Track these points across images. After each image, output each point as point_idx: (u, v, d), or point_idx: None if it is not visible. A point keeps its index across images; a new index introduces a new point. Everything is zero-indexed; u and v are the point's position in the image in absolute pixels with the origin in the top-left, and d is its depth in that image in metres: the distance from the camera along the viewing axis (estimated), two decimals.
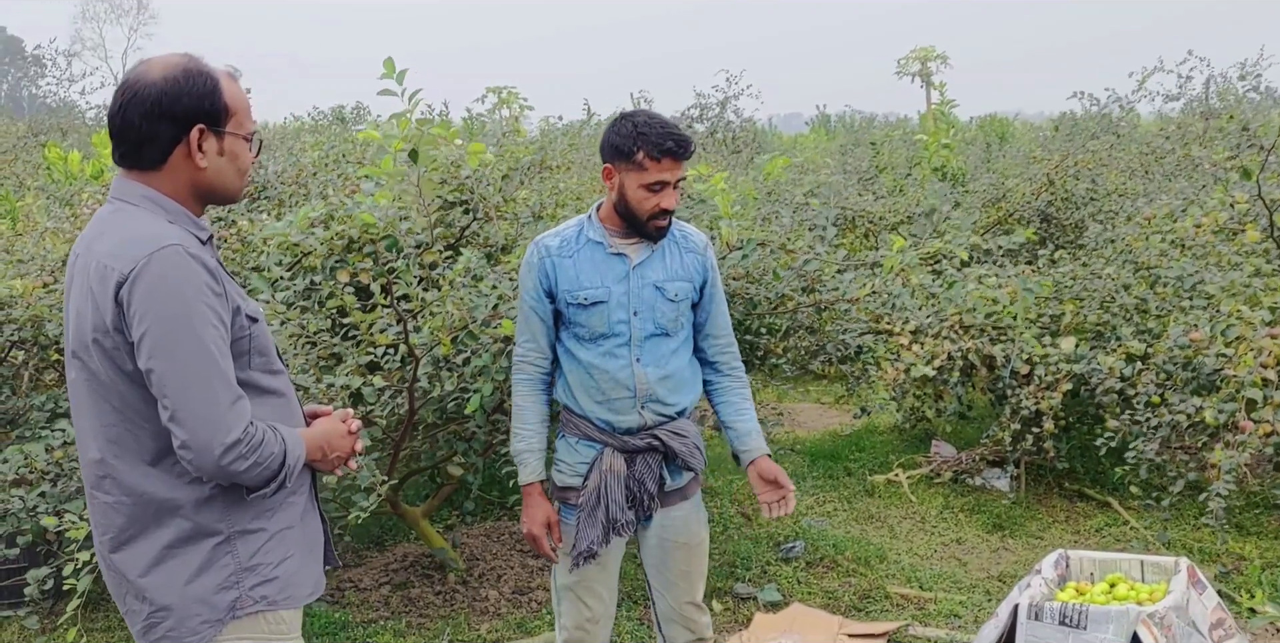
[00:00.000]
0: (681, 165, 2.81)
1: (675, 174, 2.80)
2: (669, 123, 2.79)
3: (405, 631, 4.11)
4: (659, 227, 2.84)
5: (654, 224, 2.83)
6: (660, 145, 2.76)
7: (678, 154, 2.77)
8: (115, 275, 1.89)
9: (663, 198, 2.80)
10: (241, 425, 1.92)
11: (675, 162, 2.78)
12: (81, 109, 17.93)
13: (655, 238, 2.87)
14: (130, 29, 72.62)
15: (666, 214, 2.83)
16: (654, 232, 2.85)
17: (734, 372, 3.05)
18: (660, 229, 2.85)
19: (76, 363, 1.98)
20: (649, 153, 2.76)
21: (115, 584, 2.07)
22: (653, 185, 2.79)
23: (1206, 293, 4.78)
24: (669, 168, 2.78)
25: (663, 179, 2.78)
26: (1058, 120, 11.13)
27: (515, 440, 2.97)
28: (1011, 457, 5.35)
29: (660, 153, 2.76)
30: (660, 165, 2.77)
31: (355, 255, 3.48)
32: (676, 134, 2.76)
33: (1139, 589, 3.57)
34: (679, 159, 2.79)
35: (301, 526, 2.14)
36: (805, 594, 4.40)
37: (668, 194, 2.81)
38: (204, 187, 2.06)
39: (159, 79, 1.98)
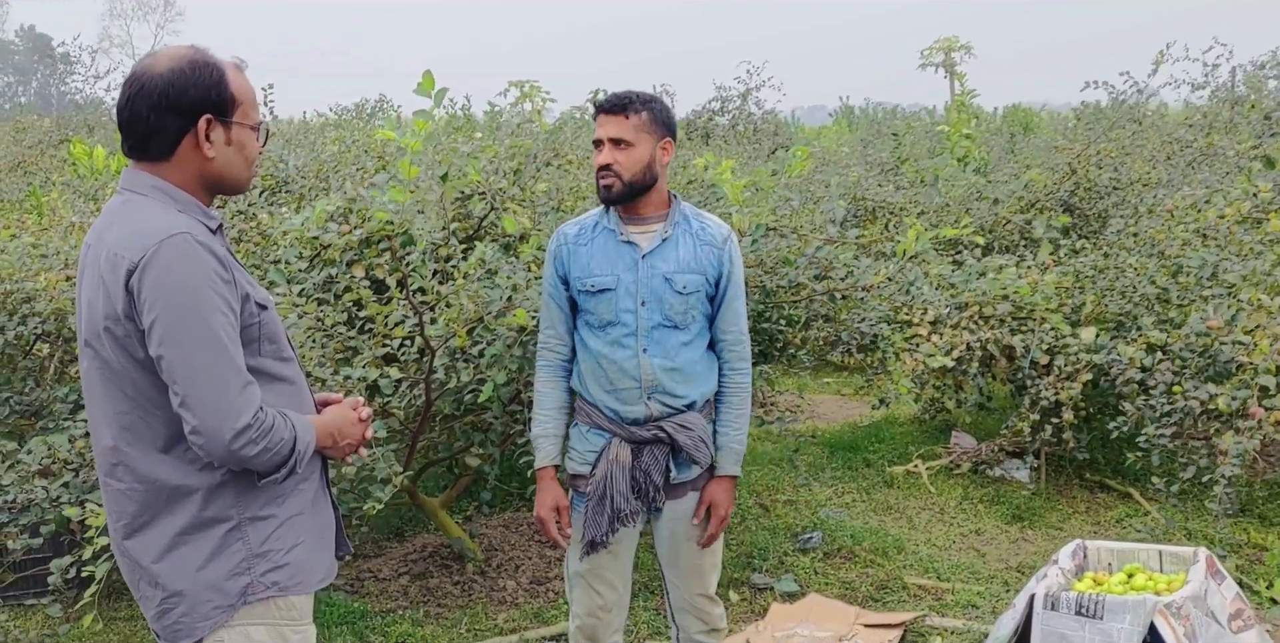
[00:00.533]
0: (612, 120, 2.84)
1: (605, 130, 2.84)
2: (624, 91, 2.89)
3: (423, 620, 4.14)
4: (603, 185, 2.86)
5: (600, 184, 2.87)
6: (595, 105, 2.90)
7: (602, 107, 2.86)
8: (125, 264, 1.91)
9: (600, 155, 2.85)
10: (251, 411, 1.94)
11: (607, 116, 2.84)
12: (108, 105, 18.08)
13: (605, 200, 2.89)
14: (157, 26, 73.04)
15: (603, 171, 2.84)
16: (601, 192, 2.87)
17: (733, 374, 2.99)
18: (605, 189, 2.85)
19: (89, 351, 2.01)
20: (593, 116, 2.92)
21: (129, 570, 2.10)
22: (595, 144, 2.88)
23: (1228, 281, 4.74)
24: (602, 124, 2.85)
25: (597, 137, 2.86)
26: (1079, 110, 11.04)
27: (534, 426, 3.01)
28: (1031, 447, 5.32)
29: (595, 111, 2.90)
30: (597, 122, 2.88)
31: (371, 250, 3.51)
32: (615, 93, 2.88)
33: (1157, 580, 3.55)
34: (606, 112, 2.85)
35: (312, 512, 2.16)
36: (822, 585, 4.40)
37: (604, 151, 2.84)
38: (212, 176, 2.08)
39: (165, 71, 2.00)
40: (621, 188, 2.82)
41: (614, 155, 2.81)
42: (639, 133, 2.83)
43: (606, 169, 2.82)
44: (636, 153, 2.82)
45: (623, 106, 2.83)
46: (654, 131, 2.85)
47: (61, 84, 67.65)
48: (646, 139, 2.84)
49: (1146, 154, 8.27)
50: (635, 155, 2.82)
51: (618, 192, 2.83)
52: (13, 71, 69.62)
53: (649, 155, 2.84)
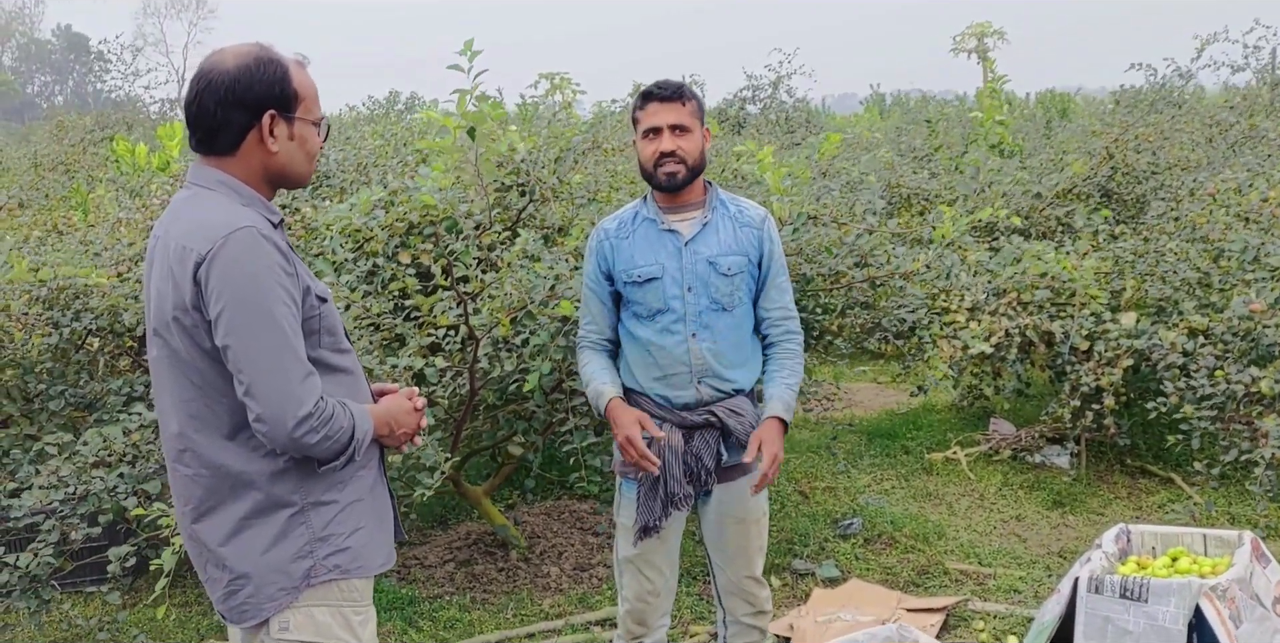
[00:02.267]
0: (668, 108, 2.86)
1: (663, 118, 2.85)
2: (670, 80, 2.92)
3: (470, 606, 4.21)
4: (667, 173, 2.87)
5: (661, 172, 2.88)
6: (644, 92, 2.90)
7: (655, 95, 2.87)
8: (194, 256, 1.97)
9: (659, 143, 2.86)
10: (313, 400, 1.99)
11: (660, 103, 2.86)
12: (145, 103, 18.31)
13: (667, 188, 2.90)
14: (190, 24, 73.82)
15: (667, 157, 2.85)
16: (664, 180, 2.88)
17: (785, 342, 3.00)
18: (670, 176, 2.87)
19: (158, 341, 2.07)
20: (638, 105, 2.91)
21: (196, 553, 2.17)
22: (647, 133, 2.88)
23: (1270, 265, 4.71)
24: (654, 112, 2.86)
25: (653, 125, 2.86)
26: (1118, 93, 10.94)
27: (587, 383, 2.99)
28: (1072, 433, 5.31)
29: (644, 100, 2.90)
30: (646, 111, 2.89)
31: (416, 237, 3.56)
32: (662, 82, 2.89)
33: (1201, 563, 3.55)
34: (661, 100, 2.86)
35: (371, 498, 2.22)
36: (863, 570, 4.43)
37: (664, 138, 2.85)
38: (275, 171, 2.14)
39: (232, 67, 2.06)
40: (686, 174, 2.87)
41: (677, 142, 2.85)
42: (693, 119, 2.88)
43: (671, 155, 2.85)
44: (694, 138, 2.88)
45: (679, 94, 2.87)
46: (700, 119, 2.91)
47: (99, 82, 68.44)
48: (698, 126, 2.90)
49: (1185, 138, 8.20)
50: (694, 141, 2.87)
51: (683, 177, 2.87)
52: (50, 70, 70.52)
53: (701, 141, 2.89)
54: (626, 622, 3.07)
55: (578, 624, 4.00)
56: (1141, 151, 7.80)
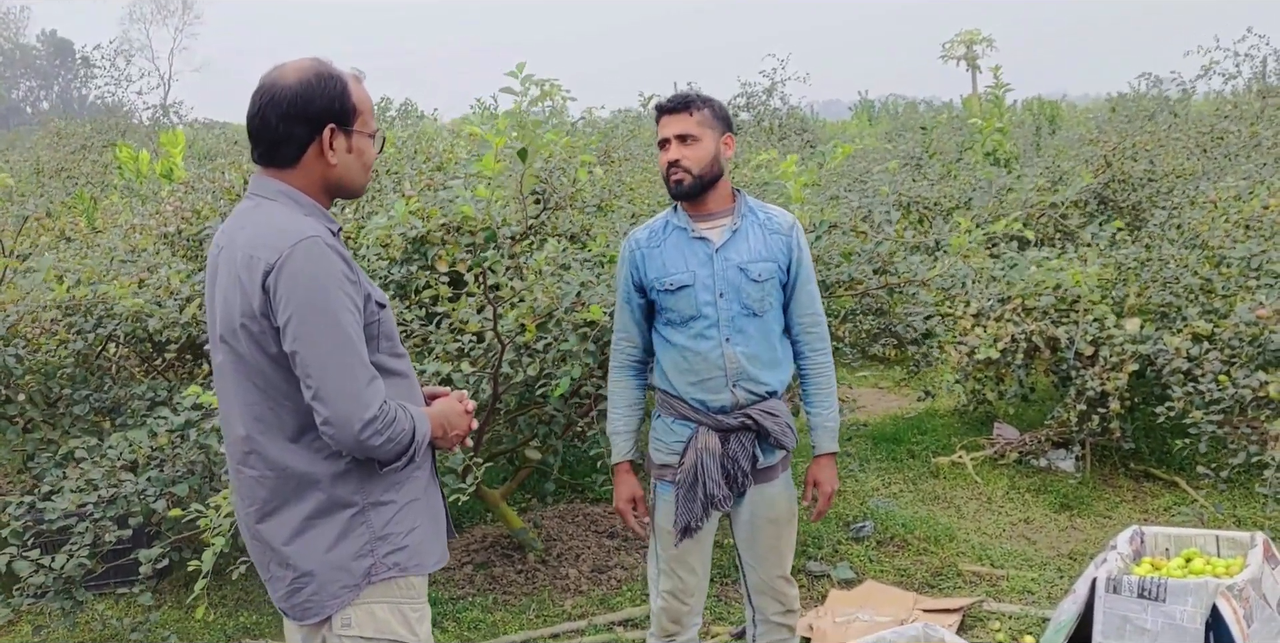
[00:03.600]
0: (674, 119, 2.96)
1: (671, 129, 2.95)
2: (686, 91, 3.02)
3: (492, 607, 4.27)
4: (675, 182, 2.96)
5: (670, 180, 2.98)
6: (656, 106, 3.02)
7: (665, 107, 2.98)
8: (262, 265, 2.03)
9: (668, 153, 2.96)
10: (378, 403, 2.05)
11: (669, 116, 2.97)
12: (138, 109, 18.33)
13: (676, 195, 3.00)
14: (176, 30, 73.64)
15: (674, 167, 2.95)
16: (672, 187, 2.98)
17: (814, 355, 3.12)
18: (677, 183, 2.96)
19: (224, 347, 2.13)
20: (656, 118, 3.04)
21: (259, 553, 2.22)
22: (661, 144, 2.99)
23: (1274, 271, 4.81)
24: (664, 124, 2.97)
25: (664, 135, 2.98)
26: (1114, 101, 11.08)
27: (608, 424, 3.16)
28: (1077, 437, 5.40)
29: (658, 112, 3.02)
30: (659, 124, 3.00)
31: (454, 246, 3.63)
32: (675, 94, 3.00)
33: (1215, 564, 3.63)
34: (669, 112, 2.97)
35: (426, 498, 2.28)
36: (878, 572, 4.50)
37: (672, 149, 2.95)
38: (334, 182, 2.21)
39: (294, 83, 2.12)
40: (692, 182, 2.94)
41: (681, 151, 2.93)
42: (703, 128, 2.95)
43: (675, 165, 2.94)
44: (702, 147, 2.94)
45: (685, 105, 2.96)
46: (715, 127, 2.98)
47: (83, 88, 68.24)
48: (710, 134, 2.96)
49: (1181, 146, 8.33)
50: (701, 150, 2.94)
51: (689, 185, 2.94)
52: (35, 76, 70.28)
53: (713, 150, 2.96)
54: (661, 619, 3.13)
55: (600, 625, 4.06)
56: (1139, 160, 7.92)
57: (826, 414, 3.14)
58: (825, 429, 3.14)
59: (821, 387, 3.14)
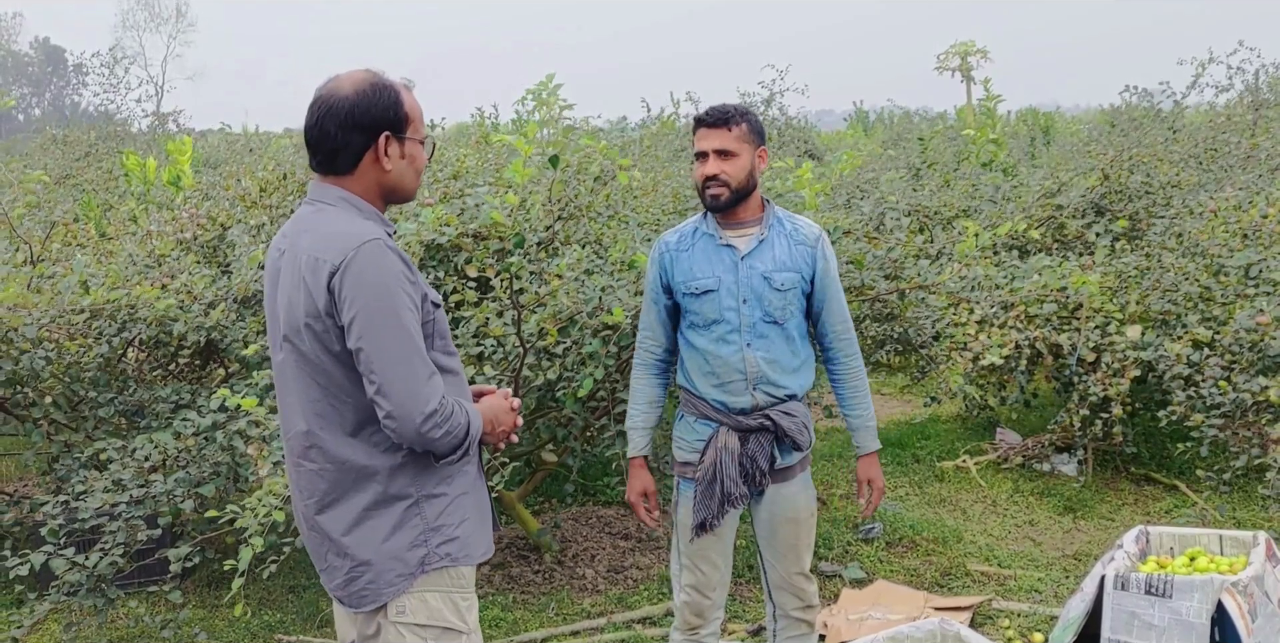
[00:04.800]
0: (714, 133, 3.03)
1: (710, 143, 3.03)
2: (720, 104, 3.08)
3: (512, 606, 4.36)
4: (712, 195, 3.04)
5: (707, 194, 3.06)
6: (696, 119, 3.09)
7: (708, 121, 3.05)
8: (327, 267, 2.13)
9: (706, 167, 3.04)
10: (437, 398, 2.15)
11: (708, 129, 3.04)
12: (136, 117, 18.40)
13: (712, 209, 3.08)
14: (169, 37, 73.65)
15: (711, 181, 3.03)
16: (709, 201, 3.06)
17: (848, 361, 3.23)
18: (714, 198, 3.04)
19: (287, 346, 2.23)
20: (693, 129, 3.11)
21: (317, 544, 2.31)
22: (698, 156, 3.07)
23: (1273, 280, 4.93)
24: (703, 137, 3.04)
25: (702, 148, 3.05)
26: (1110, 114, 11.23)
27: (627, 419, 3.27)
28: (1080, 442, 5.52)
29: (695, 124, 3.09)
30: (697, 136, 3.07)
31: (482, 252, 3.72)
32: (715, 107, 3.06)
33: (1219, 562, 3.74)
34: (708, 126, 3.04)
35: (474, 492, 2.37)
36: (888, 572, 4.60)
37: (709, 163, 3.03)
38: (388, 187, 2.31)
39: (351, 93, 2.22)
40: (729, 196, 3.03)
41: (720, 166, 3.02)
42: (740, 143, 3.03)
43: (714, 179, 3.02)
44: (740, 162, 3.03)
45: (725, 119, 3.03)
46: (752, 141, 3.06)
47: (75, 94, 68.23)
48: (747, 149, 3.05)
49: (1177, 157, 8.46)
50: (739, 164, 3.03)
51: (726, 200, 3.04)
52: (27, 83, 70.28)
53: (750, 164, 3.05)
54: (684, 613, 3.22)
55: (619, 623, 4.15)
56: (1135, 171, 8.06)
57: (865, 415, 3.26)
58: (866, 429, 3.26)
59: (857, 389, 3.25)
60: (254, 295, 4.78)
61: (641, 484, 3.23)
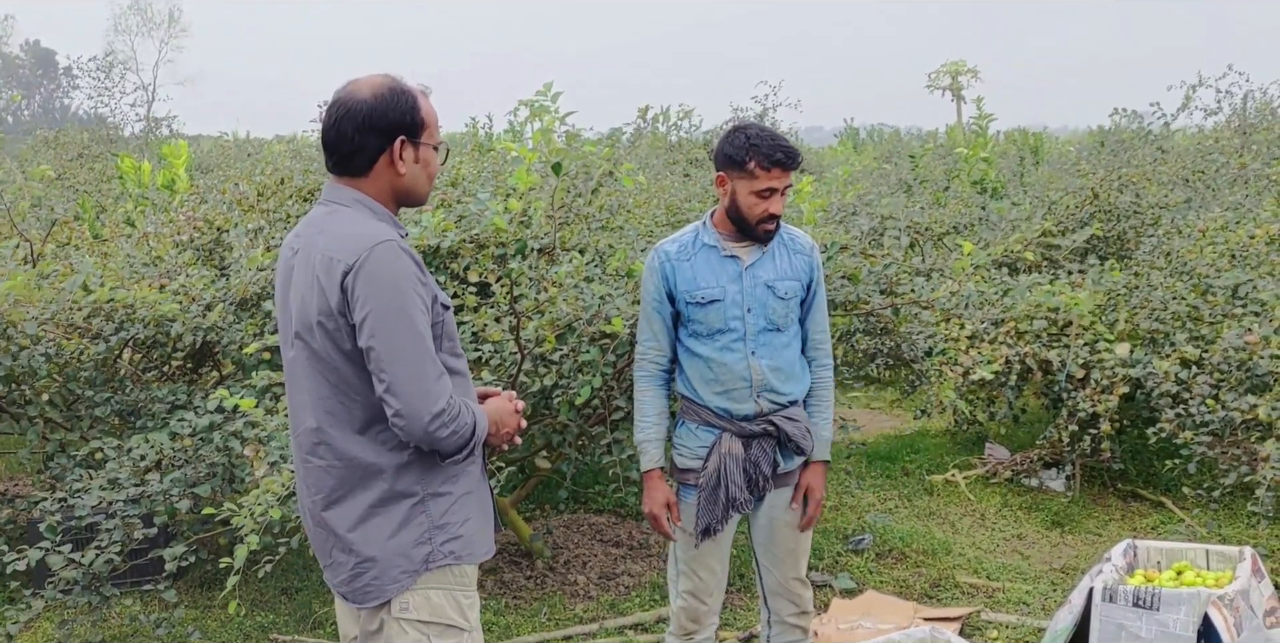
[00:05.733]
0: (789, 174, 3.09)
1: (783, 182, 3.07)
2: (778, 136, 3.08)
3: (504, 610, 4.37)
4: (767, 230, 3.11)
5: (762, 228, 3.10)
6: (770, 156, 3.04)
7: (786, 164, 3.06)
8: (341, 266, 2.16)
9: (771, 204, 3.07)
10: (445, 397, 2.18)
11: (784, 171, 3.06)
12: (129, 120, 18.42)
13: (763, 240, 3.14)
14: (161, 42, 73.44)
15: (774, 219, 3.09)
16: (762, 235, 3.11)
17: (819, 370, 3.28)
18: (768, 232, 3.11)
19: (299, 343, 2.26)
20: (760, 163, 3.04)
21: (321, 540, 2.34)
22: (763, 192, 3.06)
23: (1260, 300, 5.00)
24: (778, 177, 3.05)
25: (772, 186, 3.06)
26: (1099, 135, 11.36)
27: (637, 431, 3.26)
28: (1068, 458, 5.57)
29: (771, 163, 3.04)
30: (770, 174, 3.05)
31: (484, 257, 3.76)
32: (785, 146, 3.05)
33: (1205, 576, 3.79)
34: (787, 169, 3.07)
35: (478, 491, 2.40)
36: (878, 583, 4.63)
37: (776, 200, 3.08)
38: (402, 190, 2.34)
39: (369, 97, 2.26)
40: (776, 230, 3.15)
41: (781, 205, 3.10)
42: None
43: (775, 218, 3.09)
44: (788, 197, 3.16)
45: (798, 163, 3.08)
46: None
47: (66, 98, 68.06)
48: None
49: (1165, 178, 8.57)
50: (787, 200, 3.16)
51: (773, 233, 3.14)
52: (17, 85, 70.05)
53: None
54: (680, 618, 3.25)
55: (611, 628, 4.17)
56: (1124, 191, 8.15)
57: (824, 424, 3.28)
58: (821, 439, 3.27)
59: (822, 399, 3.29)
60: (251, 298, 4.81)
61: (663, 496, 3.19)
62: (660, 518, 3.19)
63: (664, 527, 3.19)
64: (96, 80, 54.64)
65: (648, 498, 3.20)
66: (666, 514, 3.19)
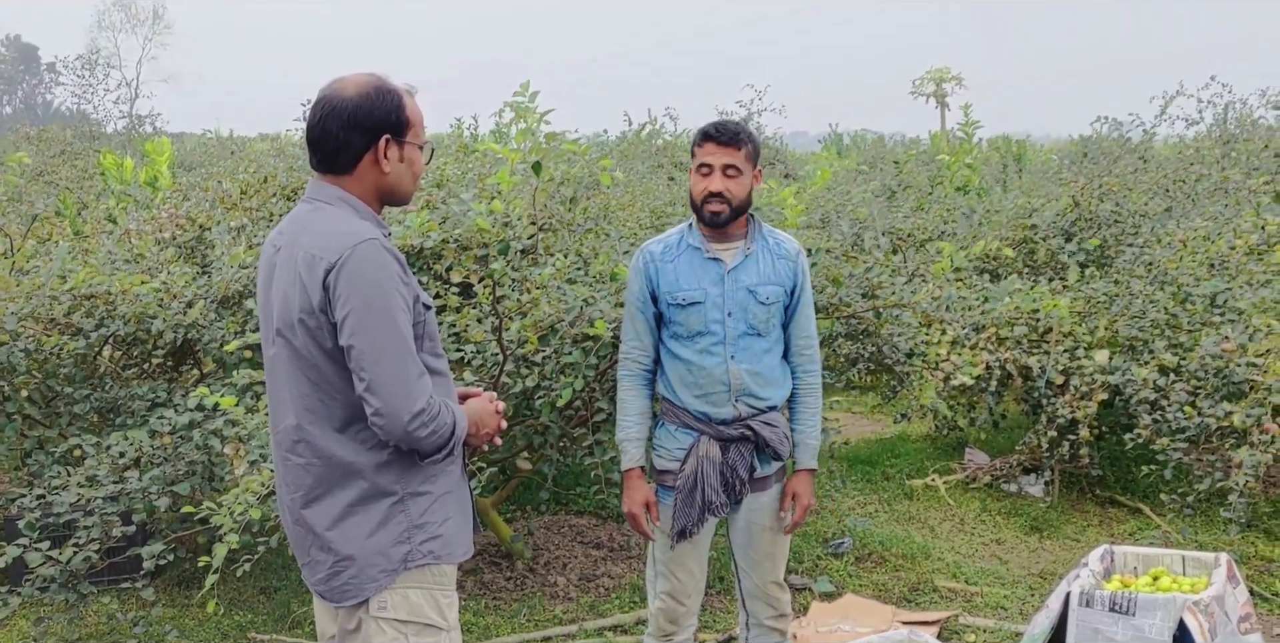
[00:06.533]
0: (724, 150, 3.05)
1: (718, 158, 3.05)
2: (724, 120, 3.12)
3: (484, 611, 4.37)
4: (712, 211, 3.07)
5: (707, 209, 3.08)
6: (703, 131, 3.09)
7: (715, 137, 3.06)
8: (323, 264, 2.16)
9: (710, 181, 3.06)
10: (425, 397, 2.18)
11: (717, 146, 3.06)
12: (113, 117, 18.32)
13: (710, 224, 3.11)
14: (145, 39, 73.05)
15: (714, 197, 3.06)
16: (708, 216, 3.09)
17: (805, 376, 3.28)
18: (714, 214, 3.07)
19: (280, 341, 2.25)
20: (696, 140, 3.12)
21: (300, 538, 2.33)
22: (701, 169, 3.09)
23: (1237, 308, 5.05)
24: (711, 151, 3.06)
25: (706, 161, 3.06)
26: (1081, 143, 11.44)
27: (619, 430, 3.26)
28: (1047, 463, 5.60)
29: (702, 137, 3.09)
30: (703, 149, 3.08)
31: (469, 258, 3.76)
32: (720, 122, 3.09)
33: (1181, 582, 3.82)
34: (718, 143, 3.06)
35: (458, 491, 2.41)
36: (857, 586, 4.65)
37: (714, 178, 3.06)
38: (386, 189, 2.34)
39: (354, 95, 2.26)
40: (729, 214, 3.08)
41: (726, 183, 3.05)
42: (746, 163, 3.08)
43: (718, 196, 3.06)
44: (743, 181, 3.08)
45: (736, 138, 3.06)
46: (753, 161, 3.12)
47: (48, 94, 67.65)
48: (749, 168, 3.10)
49: (1145, 187, 8.63)
50: (743, 184, 3.08)
51: (725, 217, 3.09)
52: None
53: (750, 183, 3.11)
54: (659, 620, 3.26)
55: (591, 630, 4.17)
56: (1105, 200, 8.21)
57: (812, 432, 3.27)
58: (808, 446, 3.27)
59: (809, 405, 3.28)
60: (233, 295, 4.79)
61: (642, 495, 3.19)
62: (639, 517, 3.19)
63: (643, 526, 3.19)
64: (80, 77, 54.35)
65: (627, 497, 3.21)
66: (646, 514, 3.19)
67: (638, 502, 3.18)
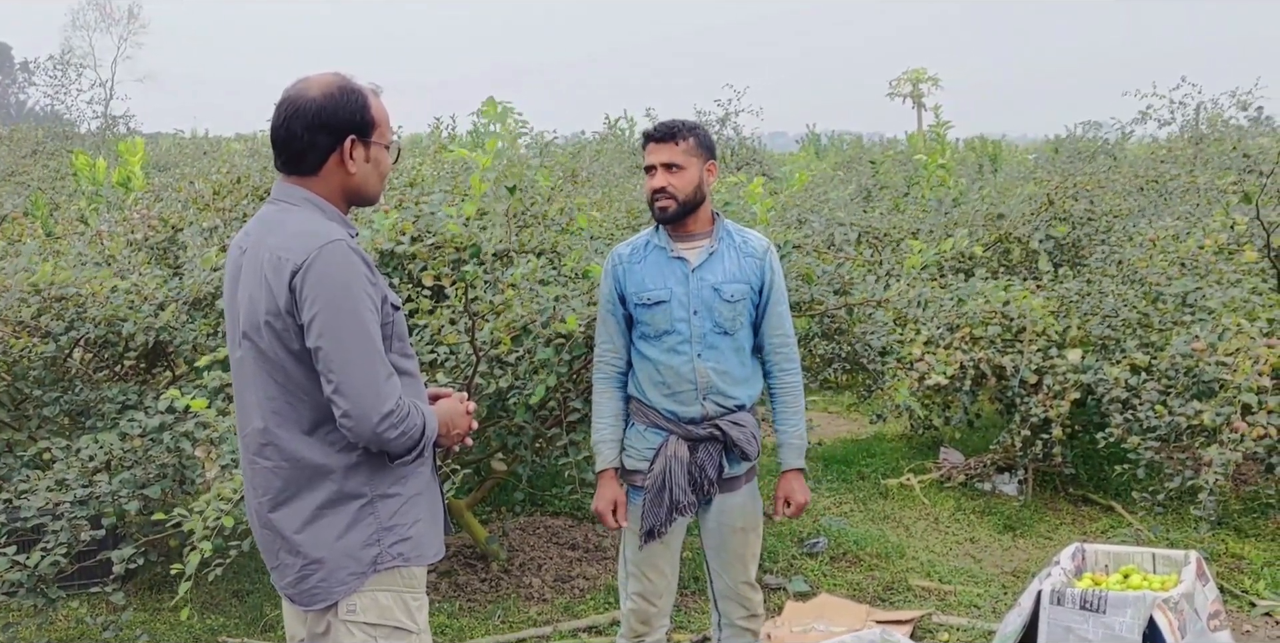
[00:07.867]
0: (661, 148, 3.11)
1: (658, 156, 3.11)
2: (669, 120, 3.17)
3: (458, 613, 4.36)
4: (659, 207, 3.12)
5: (656, 206, 3.13)
6: (644, 133, 3.18)
7: (653, 136, 3.13)
8: (290, 265, 2.15)
9: (654, 180, 3.12)
10: (394, 398, 2.17)
11: (656, 144, 3.12)
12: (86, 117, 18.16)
13: (660, 220, 3.15)
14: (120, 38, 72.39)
15: (659, 194, 3.11)
16: (657, 213, 3.14)
17: (783, 375, 3.28)
18: (662, 210, 3.12)
19: (246, 343, 2.24)
20: (642, 144, 3.20)
21: (268, 541, 2.32)
22: (648, 170, 3.16)
23: (1208, 308, 5.09)
24: (652, 151, 3.13)
25: (649, 162, 3.14)
26: (1055, 143, 11.52)
27: (593, 432, 3.27)
28: (1021, 462, 5.63)
29: (644, 139, 3.18)
30: (647, 150, 3.16)
31: (439, 261, 3.75)
32: (661, 122, 3.15)
33: (1151, 580, 3.84)
34: (656, 141, 3.12)
35: (428, 493, 2.39)
36: (831, 586, 4.66)
37: (657, 176, 3.11)
38: (352, 190, 2.33)
39: (318, 96, 2.25)
40: (676, 208, 3.10)
41: (667, 179, 3.09)
42: (688, 156, 3.10)
43: (661, 192, 3.09)
44: (687, 175, 3.10)
45: (671, 134, 3.11)
46: (700, 155, 3.13)
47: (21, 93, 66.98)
48: (695, 162, 3.12)
49: (1119, 187, 8.69)
50: (686, 178, 3.10)
51: (673, 212, 3.10)
52: None
53: (698, 177, 3.12)
54: (630, 621, 3.25)
55: (566, 631, 4.17)
56: (1079, 199, 8.26)
57: (795, 431, 3.28)
58: (793, 446, 3.28)
59: (790, 405, 3.29)
60: (205, 298, 4.76)
61: (611, 494, 3.21)
62: (606, 514, 3.21)
63: (610, 521, 3.21)
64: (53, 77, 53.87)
65: (597, 496, 3.23)
66: (613, 513, 3.21)
67: (606, 500, 3.21)
